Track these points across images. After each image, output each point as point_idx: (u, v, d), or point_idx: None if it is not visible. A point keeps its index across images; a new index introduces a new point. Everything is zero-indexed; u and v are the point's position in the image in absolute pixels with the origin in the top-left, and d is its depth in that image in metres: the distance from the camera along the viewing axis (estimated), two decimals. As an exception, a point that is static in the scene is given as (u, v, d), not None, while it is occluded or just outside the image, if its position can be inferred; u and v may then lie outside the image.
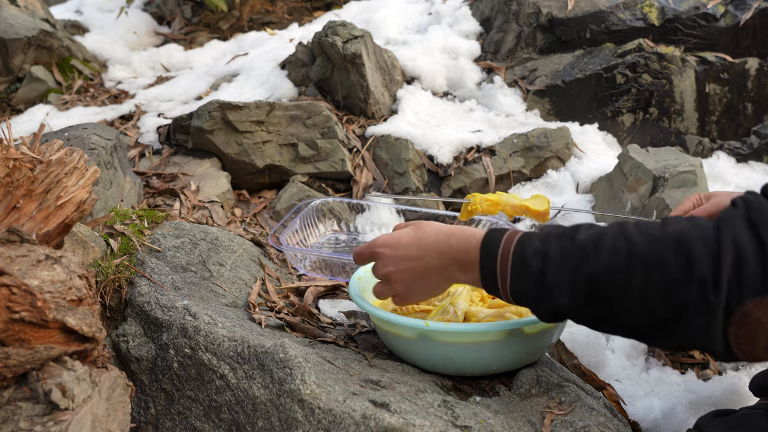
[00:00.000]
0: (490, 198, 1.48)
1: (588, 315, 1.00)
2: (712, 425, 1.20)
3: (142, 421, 1.35)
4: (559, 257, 1.00)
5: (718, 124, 2.58)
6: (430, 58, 2.73)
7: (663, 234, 0.95)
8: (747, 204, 0.93)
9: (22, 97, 2.84)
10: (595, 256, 0.97)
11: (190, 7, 3.67)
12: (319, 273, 1.75)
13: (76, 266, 1.00)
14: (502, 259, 1.06)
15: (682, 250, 0.92)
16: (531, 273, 1.03)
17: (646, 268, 0.93)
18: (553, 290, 1.01)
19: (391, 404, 1.15)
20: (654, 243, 0.94)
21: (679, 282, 0.91)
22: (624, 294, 0.95)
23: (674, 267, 0.92)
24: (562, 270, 1.00)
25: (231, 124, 2.23)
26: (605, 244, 0.97)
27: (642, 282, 0.94)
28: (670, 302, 0.92)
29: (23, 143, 1.12)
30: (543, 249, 1.02)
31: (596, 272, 0.97)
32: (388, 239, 1.21)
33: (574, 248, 1.00)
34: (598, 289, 0.97)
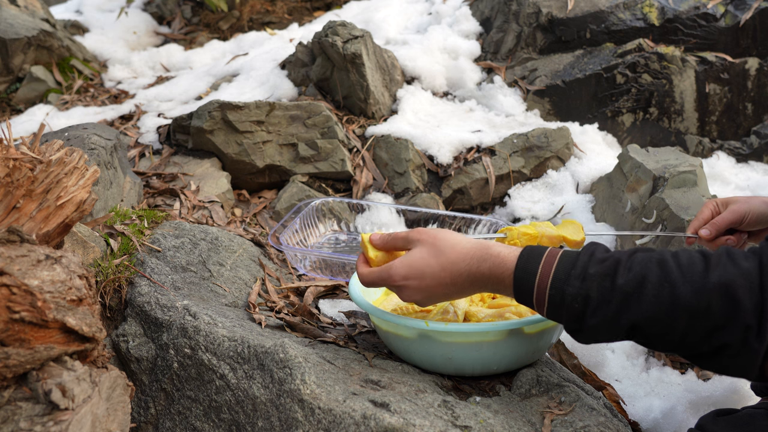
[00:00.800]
0: (528, 232, 1.41)
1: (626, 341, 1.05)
2: (714, 425, 1.20)
3: (142, 421, 1.35)
4: (599, 301, 1.00)
5: (718, 124, 2.58)
6: (430, 58, 2.73)
7: (708, 283, 0.95)
8: None
9: (22, 97, 2.84)
10: (637, 304, 0.98)
11: (190, 7, 3.67)
12: (319, 273, 1.75)
13: (76, 266, 1.00)
14: (538, 296, 1.06)
15: (728, 300, 0.94)
16: (571, 313, 1.03)
17: (691, 318, 0.96)
18: (594, 330, 1.02)
19: (391, 404, 1.14)
20: (699, 294, 0.95)
21: (723, 327, 0.94)
22: (666, 336, 0.99)
23: (719, 316, 0.94)
24: (603, 314, 1.00)
25: (231, 124, 2.23)
26: (648, 291, 0.97)
27: (684, 328, 0.97)
28: (711, 342, 0.96)
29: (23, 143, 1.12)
30: (583, 292, 1.01)
31: (638, 319, 0.98)
32: (407, 271, 1.15)
33: (615, 293, 0.99)
34: (640, 331, 1.00)
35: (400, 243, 1.20)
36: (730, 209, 1.36)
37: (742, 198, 1.38)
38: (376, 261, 1.23)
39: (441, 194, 2.26)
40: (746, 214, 1.34)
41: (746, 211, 1.34)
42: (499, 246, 1.11)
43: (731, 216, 1.34)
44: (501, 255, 1.10)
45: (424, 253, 1.14)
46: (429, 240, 1.15)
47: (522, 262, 1.07)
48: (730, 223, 1.34)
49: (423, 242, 1.15)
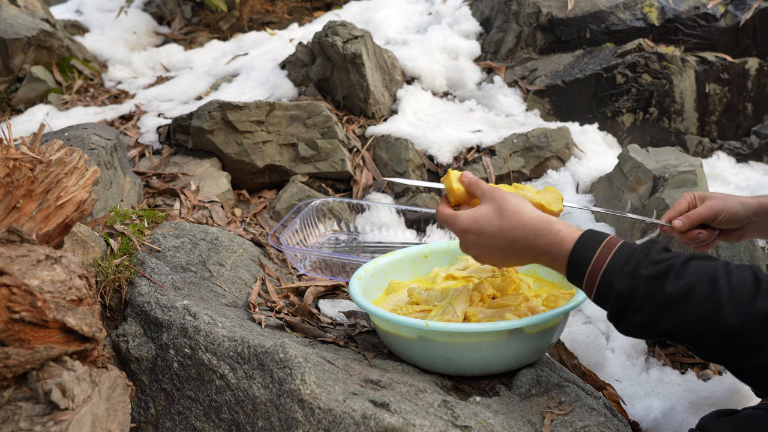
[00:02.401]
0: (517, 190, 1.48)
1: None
2: (715, 425, 1.20)
3: (142, 421, 1.35)
4: (643, 302, 1.03)
5: (718, 124, 2.58)
6: (430, 58, 2.73)
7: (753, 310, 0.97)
8: None
9: (22, 97, 2.84)
10: (679, 313, 1.01)
11: (190, 7, 3.67)
12: (319, 273, 1.75)
13: (76, 266, 1.00)
14: (588, 282, 1.09)
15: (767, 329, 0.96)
16: (615, 306, 1.06)
17: (727, 337, 0.98)
18: (631, 327, 1.06)
19: (391, 404, 1.14)
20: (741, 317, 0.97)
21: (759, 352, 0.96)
22: (700, 347, 1.01)
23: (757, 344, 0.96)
24: (644, 316, 1.03)
25: (231, 124, 2.23)
26: (692, 303, 1.00)
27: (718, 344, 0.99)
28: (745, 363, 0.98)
29: (23, 143, 1.12)
30: (630, 290, 1.04)
31: (677, 327, 1.01)
32: (468, 224, 1.20)
33: (660, 298, 1.02)
34: (677, 337, 1.03)
35: (478, 192, 1.24)
36: (706, 204, 1.38)
37: (719, 195, 1.40)
38: (456, 194, 1.29)
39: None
40: (720, 212, 1.36)
41: (721, 209, 1.36)
42: (559, 223, 1.15)
43: (706, 211, 1.36)
44: (560, 234, 1.13)
45: (489, 211, 1.19)
46: (498, 200, 1.19)
47: (579, 246, 1.11)
48: (704, 218, 1.36)
49: (493, 200, 1.20)
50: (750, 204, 1.36)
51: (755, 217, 1.36)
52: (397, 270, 1.57)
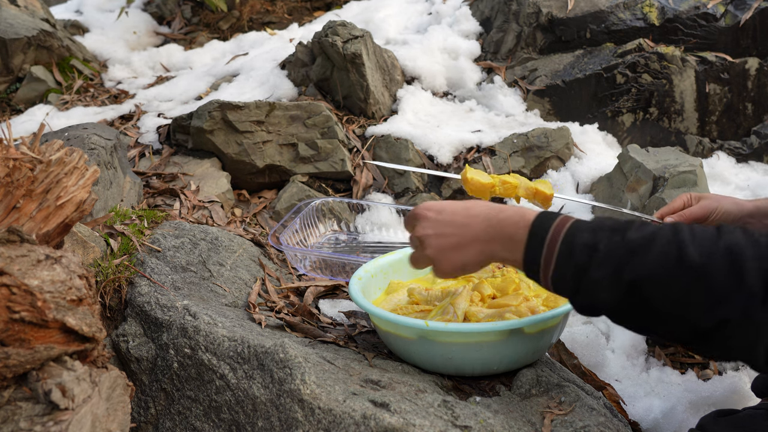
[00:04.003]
0: (508, 180, 1.51)
1: (625, 316, 0.98)
2: (715, 425, 1.20)
3: (142, 421, 1.35)
4: (606, 253, 0.97)
5: (718, 124, 2.58)
6: (430, 58, 2.73)
7: (716, 247, 0.92)
8: None
9: (22, 97, 2.84)
10: (643, 259, 0.95)
11: (190, 7, 3.67)
12: (319, 273, 1.75)
13: (76, 266, 1.00)
14: (550, 245, 1.02)
15: (734, 265, 0.90)
16: (576, 265, 0.99)
17: (694, 278, 0.91)
18: (595, 286, 0.97)
19: (391, 404, 1.14)
20: (706, 255, 0.92)
21: (726, 297, 0.90)
22: (666, 301, 0.93)
23: (722, 281, 0.90)
24: (608, 267, 0.96)
25: (231, 124, 2.23)
26: (656, 247, 0.95)
27: (687, 292, 0.92)
28: (713, 314, 0.91)
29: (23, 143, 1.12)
30: (592, 242, 0.99)
31: (641, 274, 0.94)
32: (434, 203, 1.16)
33: (623, 246, 0.96)
34: (641, 293, 0.94)
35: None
36: (700, 204, 1.38)
37: (714, 196, 1.40)
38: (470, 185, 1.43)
39: (441, 194, 2.26)
40: (714, 211, 1.36)
41: (714, 208, 1.36)
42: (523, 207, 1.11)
43: (699, 210, 1.36)
44: (521, 208, 1.09)
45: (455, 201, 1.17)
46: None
47: (542, 214, 1.06)
48: (696, 217, 1.35)
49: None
50: (746, 206, 1.36)
51: (750, 218, 1.36)
52: (397, 270, 1.57)
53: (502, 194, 1.56)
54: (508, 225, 1.07)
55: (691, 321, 0.92)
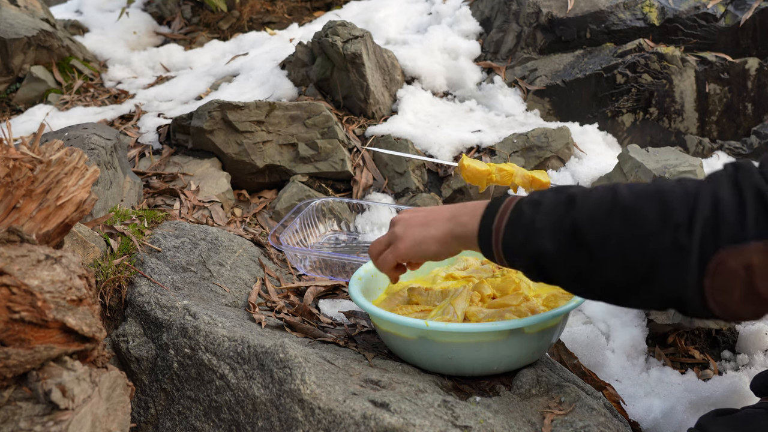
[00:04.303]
0: (505, 168, 1.57)
1: (568, 265, 1.02)
2: (713, 424, 1.20)
3: (142, 421, 1.35)
4: (550, 205, 1.04)
5: (718, 124, 2.58)
6: (430, 58, 2.73)
7: (648, 189, 0.98)
8: (735, 167, 0.95)
9: (22, 97, 2.84)
10: (582, 205, 1.01)
11: (190, 7, 3.67)
12: (319, 273, 1.75)
13: (76, 266, 1.00)
14: (502, 212, 1.11)
15: (661, 200, 0.95)
16: (523, 220, 1.07)
17: (626, 217, 0.96)
18: (539, 234, 1.04)
19: (391, 404, 1.14)
20: (637, 195, 0.98)
21: (654, 231, 0.94)
22: (603, 242, 0.98)
23: (651, 216, 0.94)
24: (551, 216, 1.03)
25: (231, 124, 2.23)
26: (593, 195, 1.02)
27: (620, 229, 0.96)
28: (645, 250, 0.94)
29: (23, 143, 1.12)
30: (538, 199, 1.07)
31: (580, 218, 1.00)
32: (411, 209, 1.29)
33: (565, 198, 1.04)
34: (580, 235, 1.00)
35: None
36: None
37: None
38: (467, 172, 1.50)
39: (441, 194, 2.26)
40: None
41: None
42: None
43: None
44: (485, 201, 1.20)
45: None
46: None
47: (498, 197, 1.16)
48: None
49: None
50: None
51: None
52: (397, 270, 1.57)
53: (499, 182, 1.58)
54: (470, 206, 1.19)
55: (626, 261, 0.96)
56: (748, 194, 0.89)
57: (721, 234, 0.89)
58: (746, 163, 0.95)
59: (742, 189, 0.90)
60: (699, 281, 0.91)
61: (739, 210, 0.89)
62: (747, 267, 0.88)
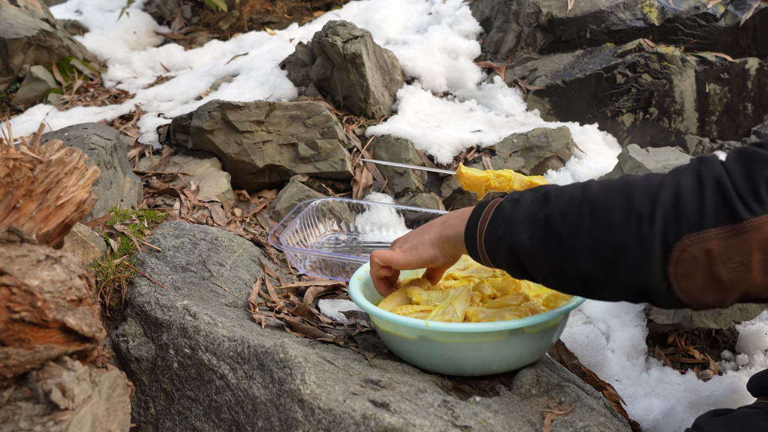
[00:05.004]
0: (503, 174, 1.61)
1: (543, 257, 1.07)
2: (710, 424, 1.20)
3: (142, 421, 1.35)
4: (527, 201, 1.11)
5: (718, 124, 2.58)
6: (430, 58, 2.73)
7: (615, 183, 1.03)
8: (700, 160, 0.98)
9: (22, 97, 2.84)
10: (555, 200, 1.07)
11: (190, 7, 3.67)
12: (319, 273, 1.75)
13: (76, 266, 1.00)
14: (487, 211, 1.17)
15: (625, 194, 0.99)
16: (503, 216, 1.13)
17: (594, 211, 1.01)
18: (516, 227, 1.09)
19: (391, 404, 1.14)
20: (605, 190, 1.02)
21: (619, 223, 0.97)
22: (573, 234, 1.02)
23: (616, 209, 0.99)
24: (527, 211, 1.09)
25: (231, 124, 2.23)
26: (566, 192, 1.07)
27: (588, 224, 1.01)
28: (611, 241, 0.98)
29: (23, 143, 1.12)
30: (518, 197, 1.13)
31: (553, 213, 1.05)
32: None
33: (541, 195, 1.10)
34: (553, 228, 1.05)
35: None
36: None
37: None
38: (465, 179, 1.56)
39: (441, 194, 2.26)
40: None
41: None
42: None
43: None
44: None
45: None
46: None
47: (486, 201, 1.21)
48: None
49: None
50: None
51: None
52: (397, 270, 1.57)
53: (497, 188, 1.60)
54: (461, 210, 1.26)
55: (594, 253, 1.00)
56: (708, 183, 0.93)
57: (682, 222, 0.93)
58: (710, 156, 0.98)
59: (702, 179, 0.94)
60: (663, 269, 0.94)
61: (699, 198, 0.93)
62: (707, 252, 0.91)
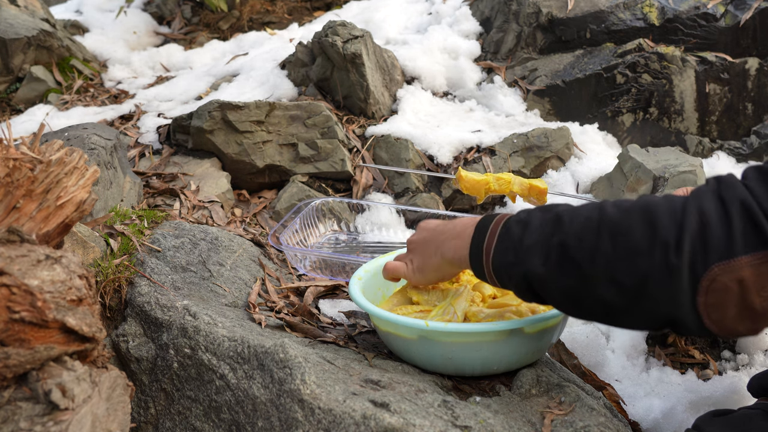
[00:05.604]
0: (503, 177, 1.61)
1: (559, 285, 1.01)
2: (710, 425, 1.20)
3: (142, 421, 1.35)
4: (538, 225, 1.05)
5: (718, 124, 2.58)
6: (430, 58, 2.73)
7: (634, 206, 0.97)
8: (718, 181, 0.94)
9: (22, 97, 2.84)
10: (569, 224, 1.01)
11: (190, 7, 3.67)
12: (319, 273, 1.75)
13: (76, 266, 1.00)
14: (492, 231, 1.12)
15: (647, 218, 0.94)
16: (512, 239, 1.07)
17: (613, 235, 0.96)
18: (528, 253, 1.04)
19: (391, 404, 1.14)
20: (623, 212, 0.97)
21: (643, 249, 0.92)
22: (592, 260, 0.96)
23: (639, 234, 0.93)
24: (539, 234, 1.03)
25: (231, 124, 2.23)
26: (581, 214, 1.01)
27: (608, 248, 0.95)
28: (634, 269, 0.93)
29: (23, 143, 1.12)
30: (526, 219, 1.07)
31: (568, 238, 0.99)
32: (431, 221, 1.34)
33: (552, 217, 1.04)
34: (569, 254, 0.99)
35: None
36: None
37: None
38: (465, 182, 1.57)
39: (441, 194, 2.26)
40: None
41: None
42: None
43: None
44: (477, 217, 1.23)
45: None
46: None
47: (487, 215, 1.18)
48: None
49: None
50: None
51: None
52: (397, 270, 1.57)
53: (497, 191, 1.60)
54: (464, 221, 1.20)
55: (615, 280, 0.94)
56: (733, 208, 0.89)
57: (711, 251, 0.88)
58: (728, 177, 0.94)
59: (726, 203, 0.90)
60: (692, 300, 0.90)
61: (726, 224, 0.88)
62: (739, 282, 0.87)
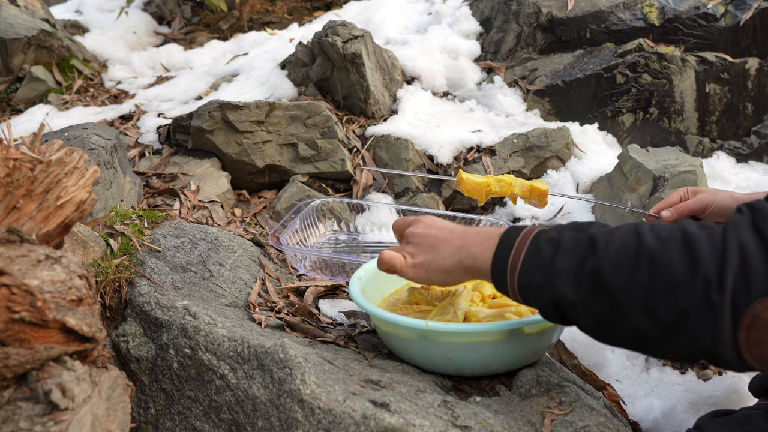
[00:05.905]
0: (503, 179, 1.59)
1: (591, 311, 0.98)
2: (711, 425, 1.20)
3: (142, 421, 1.35)
4: (570, 246, 1.00)
5: (718, 124, 2.58)
6: (430, 58, 2.73)
7: (671, 234, 0.94)
8: (752, 210, 0.92)
9: (22, 97, 2.84)
10: (605, 249, 0.96)
11: (190, 7, 3.67)
12: (319, 273, 1.75)
13: (76, 266, 1.00)
14: (518, 247, 1.06)
15: (688, 249, 0.90)
16: (542, 259, 1.01)
17: (652, 265, 0.92)
18: (559, 277, 0.99)
19: (391, 404, 1.14)
20: (662, 241, 0.93)
21: (683, 282, 0.89)
22: (628, 290, 0.93)
23: (679, 266, 0.90)
24: (572, 258, 0.98)
25: (231, 124, 2.23)
26: (616, 239, 0.97)
27: (646, 279, 0.92)
28: (673, 303, 0.90)
29: (23, 143, 1.12)
30: (557, 238, 1.02)
31: (603, 265, 0.95)
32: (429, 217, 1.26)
33: (586, 239, 0.99)
34: (603, 282, 0.95)
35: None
36: (696, 197, 1.41)
37: (711, 189, 1.43)
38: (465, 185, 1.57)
39: (441, 194, 2.26)
40: (710, 204, 1.39)
41: (710, 201, 1.39)
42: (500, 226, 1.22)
43: (695, 204, 1.40)
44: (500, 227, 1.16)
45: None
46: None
47: (512, 226, 1.12)
48: (692, 210, 1.39)
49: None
50: (742, 199, 1.37)
51: None
52: (397, 270, 1.57)
53: (498, 193, 1.59)
54: (483, 232, 1.14)
55: (652, 312, 0.92)
56: None
57: (753, 286, 0.86)
58: (762, 205, 0.92)
59: (764, 234, 0.88)
60: (733, 335, 0.88)
61: (765, 258, 0.87)
62: None
